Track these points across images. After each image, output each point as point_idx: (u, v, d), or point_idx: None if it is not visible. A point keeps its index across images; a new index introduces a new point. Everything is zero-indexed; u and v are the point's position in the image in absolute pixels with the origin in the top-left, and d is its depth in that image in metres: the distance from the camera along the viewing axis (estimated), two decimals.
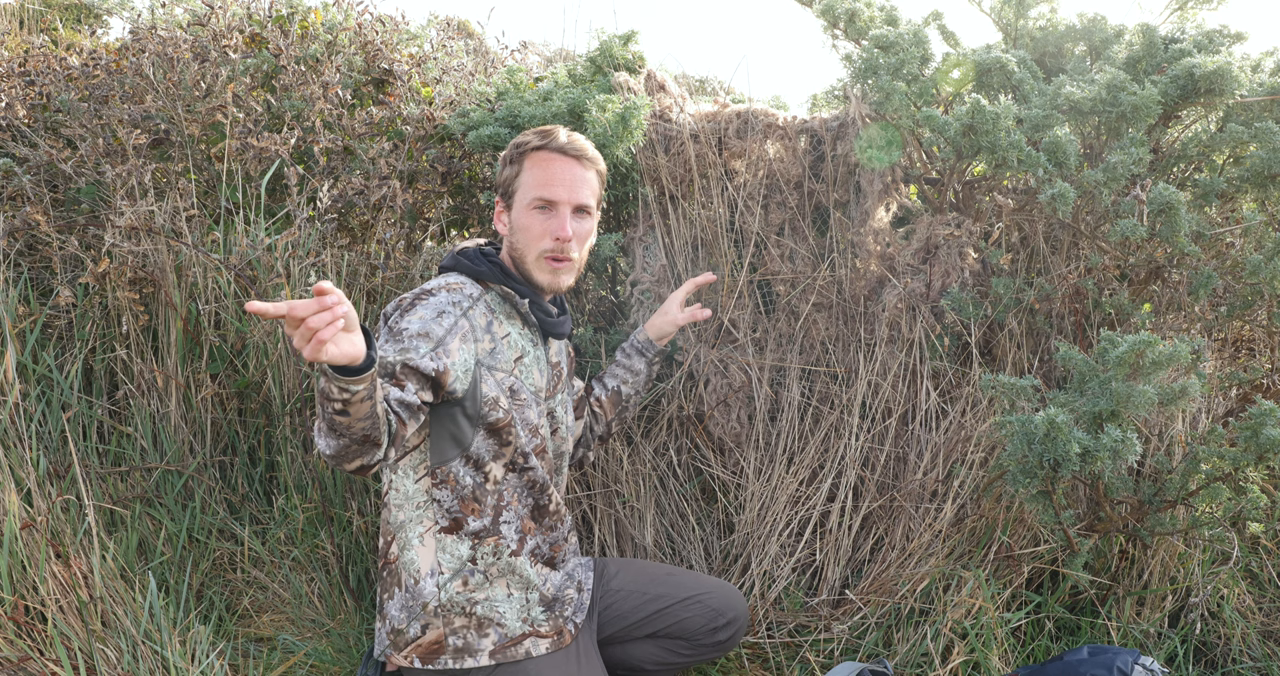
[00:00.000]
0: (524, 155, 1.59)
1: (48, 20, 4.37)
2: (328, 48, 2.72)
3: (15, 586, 1.74)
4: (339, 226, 2.44)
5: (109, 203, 2.35)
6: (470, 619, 1.53)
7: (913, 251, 2.13)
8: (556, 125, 1.63)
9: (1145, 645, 1.92)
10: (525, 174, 1.58)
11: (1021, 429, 1.58)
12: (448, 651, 1.52)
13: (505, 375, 1.55)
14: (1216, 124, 2.10)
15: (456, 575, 1.53)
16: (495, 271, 1.58)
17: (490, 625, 1.54)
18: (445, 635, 1.53)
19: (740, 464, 2.28)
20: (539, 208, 1.57)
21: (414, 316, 1.45)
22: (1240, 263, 1.96)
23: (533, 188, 1.57)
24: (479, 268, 1.58)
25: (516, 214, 1.60)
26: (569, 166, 1.58)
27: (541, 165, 1.58)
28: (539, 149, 1.58)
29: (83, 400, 2.25)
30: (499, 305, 1.59)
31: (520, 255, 1.60)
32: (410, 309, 1.47)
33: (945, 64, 2.08)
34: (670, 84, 2.33)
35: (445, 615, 1.53)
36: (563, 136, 1.59)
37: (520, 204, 1.59)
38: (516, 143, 1.61)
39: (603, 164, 1.66)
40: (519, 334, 1.59)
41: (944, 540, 2.04)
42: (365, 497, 2.21)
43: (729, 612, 1.75)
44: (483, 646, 1.53)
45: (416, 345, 1.40)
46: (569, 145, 1.58)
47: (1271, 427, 1.58)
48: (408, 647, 1.54)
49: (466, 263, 1.59)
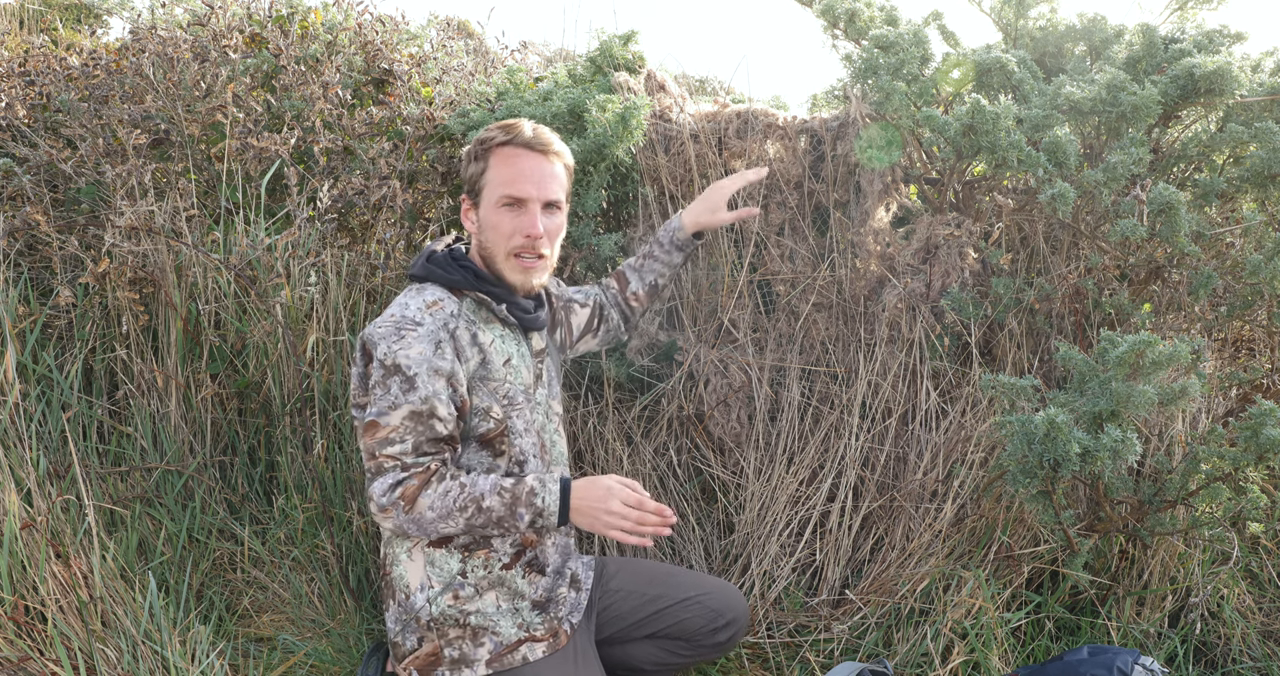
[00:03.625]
0: (489, 151, 1.55)
1: (48, 20, 4.37)
2: (328, 48, 2.72)
3: (15, 586, 1.74)
4: (339, 226, 2.44)
5: (109, 203, 2.35)
6: (465, 629, 1.53)
7: (913, 251, 2.13)
8: (520, 119, 1.60)
9: (1145, 645, 1.92)
10: (491, 171, 1.55)
11: (1021, 429, 1.58)
12: (444, 662, 1.52)
13: (499, 383, 1.55)
14: (1216, 124, 2.10)
15: (447, 589, 1.53)
16: (469, 278, 1.56)
17: (485, 634, 1.54)
18: (441, 647, 1.52)
19: (740, 464, 2.28)
20: (507, 205, 1.54)
21: (413, 352, 1.44)
22: (1240, 263, 1.96)
23: (500, 185, 1.54)
24: (453, 277, 1.55)
25: (485, 212, 1.56)
26: (536, 162, 1.55)
27: (508, 161, 1.54)
28: (504, 144, 1.55)
29: (83, 400, 2.25)
30: (476, 312, 1.56)
31: (490, 254, 1.57)
32: (403, 341, 1.45)
33: (945, 64, 2.08)
34: (670, 84, 2.33)
35: (439, 627, 1.53)
36: (528, 130, 1.55)
37: (488, 201, 1.55)
38: (481, 138, 1.57)
39: (570, 157, 1.63)
40: (500, 337, 1.58)
41: (944, 540, 2.04)
42: (365, 497, 2.21)
43: (729, 613, 1.74)
44: (479, 656, 1.53)
45: (436, 390, 1.44)
46: (534, 140, 1.55)
47: (1271, 427, 1.58)
48: (405, 659, 1.54)
49: (440, 272, 1.56)
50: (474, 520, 1.44)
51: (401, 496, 1.42)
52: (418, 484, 1.42)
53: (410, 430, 1.43)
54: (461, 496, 1.43)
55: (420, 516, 1.42)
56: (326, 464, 2.22)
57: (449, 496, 1.43)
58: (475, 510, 1.44)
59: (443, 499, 1.43)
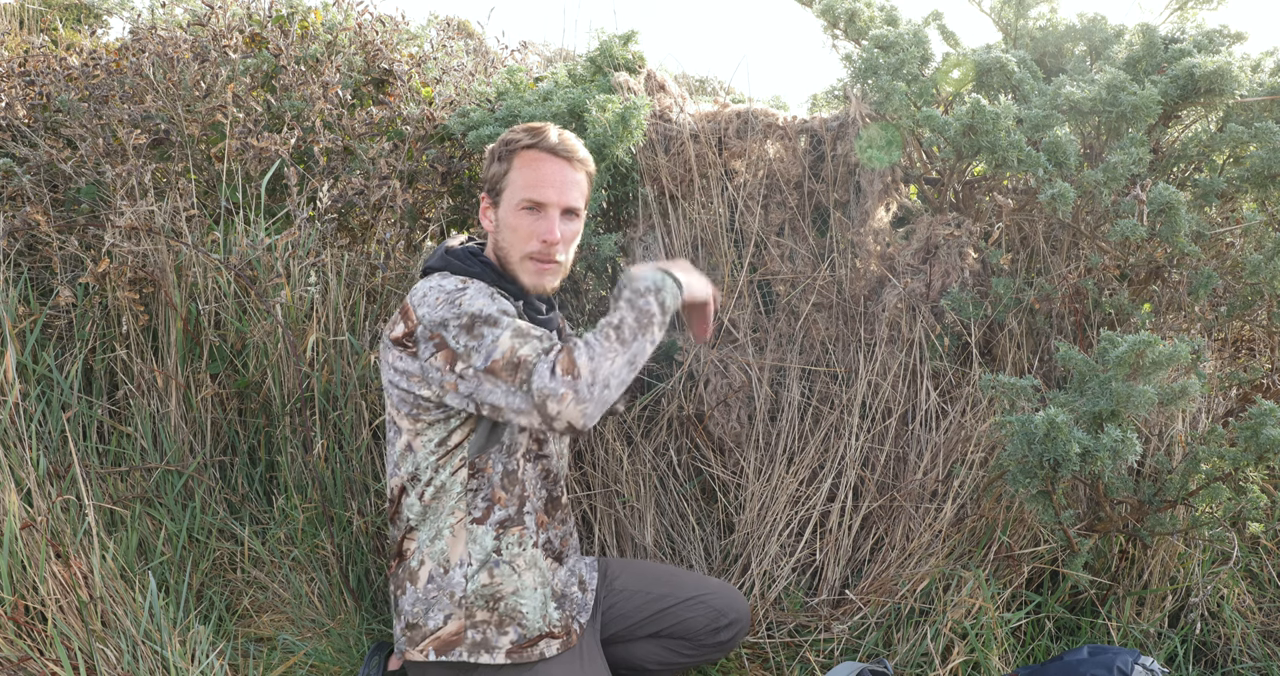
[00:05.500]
0: (514, 153, 1.56)
1: (48, 20, 4.37)
2: (328, 48, 2.72)
3: (15, 586, 1.74)
4: (339, 226, 2.44)
5: (109, 203, 2.35)
6: (493, 614, 1.53)
7: (913, 251, 2.13)
8: (547, 123, 1.61)
9: (1145, 645, 1.92)
10: (515, 173, 1.56)
11: (1021, 429, 1.58)
12: (465, 644, 1.52)
13: None
14: (1216, 124, 2.10)
15: (483, 567, 1.53)
16: (488, 273, 1.57)
17: (511, 623, 1.54)
18: (465, 627, 1.52)
19: (740, 464, 2.28)
20: (527, 208, 1.55)
21: (479, 301, 1.44)
22: (1240, 263, 1.97)
23: (522, 188, 1.55)
24: (471, 270, 1.56)
25: (504, 212, 1.57)
26: (559, 168, 1.56)
27: (532, 165, 1.55)
28: (529, 147, 1.55)
29: (83, 400, 2.25)
30: None
31: (505, 254, 1.58)
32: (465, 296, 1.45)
33: (945, 64, 2.08)
34: (670, 84, 2.33)
35: (468, 607, 1.53)
36: (554, 136, 1.56)
37: (509, 203, 1.56)
38: (506, 139, 1.58)
39: (592, 165, 1.64)
40: None
41: (944, 540, 2.04)
42: (365, 497, 2.21)
43: (731, 613, 1.75)
44: (500, 643, 1.53)
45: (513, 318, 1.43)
46: (560, 146, 1.56)
47: (1271, 427, 1.58)
48: (425, 641, 1.53)
49: (458, 264, 1.57)
50: (625, 337, 1.42)
51: (564, 371, 1.36)
52: (565, 355, 1.38)
53: (523, 340, 1.40)
54: (599, 336, 1.41)
55: (592, 373, 1.37)
56: (326, 464, 2.22)
57: (592, 344, 1.40)
58: (618, 338, 1.41)
59: (590, 349, 1.39)
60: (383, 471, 2.27)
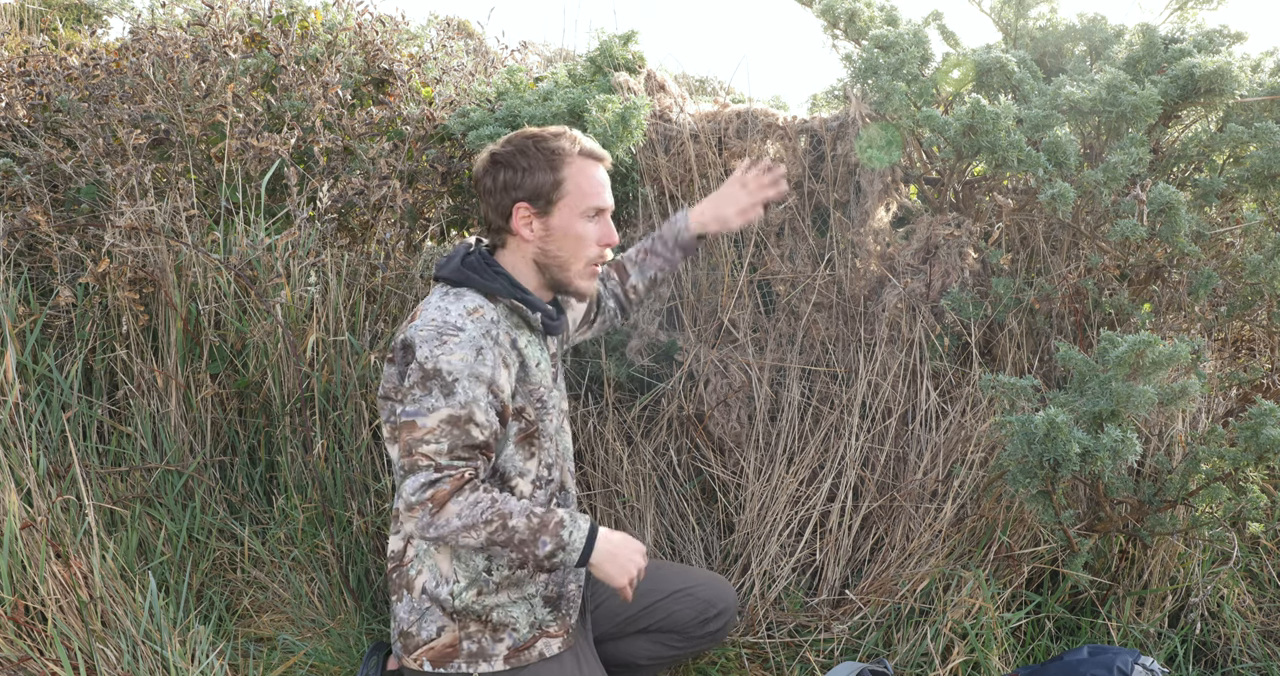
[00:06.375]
0: (564, 162, 1.56)
1: (48, 20, 4.37)
2: (328, 48, 2.72)
3: (15, 586, 1.74)
4: (339, 226, 2.44)
5: (109, 203, 2.35)
6: (485, 625, 1.54)
7: (913, 251, 2.13)
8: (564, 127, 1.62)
9: (1145, 645, 1.92)
10: (571, 182, 1.56)
11: (1021, 429, 1.58)
12: (461, 655, 1.53)
13: (535, 386, 1.56)
14: (1216, 124, 2.10)
15: (472, 584, 1.54)
16: (507, 286, 1.56)
17: (504, 630, 1.55)
18: (460, 639, 1.53)
19: (740, 464, 2.28)
20: (592, 216, 1.58)
21: (455, 358, 1.44)
22: (1240, 263, 1.97)
23: (586, 196, 1.56)
24: (492, 284, 1.55)
25: (564, 221, 1.56)
26: (602, 172, 1.61)
27: (586, 173, 1.57)
28: (580, 155, 1.58)
29: (83, 400, 2.25)
30: (508, 317, 1.56)
31: (562, 262, 1.58)
32: (444, 346, 1.44)
33: (945, 64, 2.08)
34: (670, 84, 2.33)
35: (460, 619, 1.53)
36: (589, 141, 1.60)
37: (571, 211, 1.56)
38: (550, 147, 1.56)
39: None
40: (528, 341, 1.59)
41: (944, 540, 2.04)
42: (365, 497, 2.21)
43: (719, 603, 1.75)
44: (497, 651, 1.54)
45: (476, 396, 1.44)
46: (599, 150, 1.61)
47: (1271, 427, 1.58)
48: (418, 650, 1.54)
49: (477, 278, 1.55)
50: (496, 536, 1.43)
51: (432, 498, 1.41)
52: (449, 488, 1.42)
53: (446, 433, 1.42)
54: (490, 510, 1.43)
55: (446, 522, 1.42)
56: (326, 464, 2.22)
57: (478, 507, 1.42)
58: (500, 526, 1.43)
59: (471, 509, 1.42)
60: (383, 471, 2.28)
